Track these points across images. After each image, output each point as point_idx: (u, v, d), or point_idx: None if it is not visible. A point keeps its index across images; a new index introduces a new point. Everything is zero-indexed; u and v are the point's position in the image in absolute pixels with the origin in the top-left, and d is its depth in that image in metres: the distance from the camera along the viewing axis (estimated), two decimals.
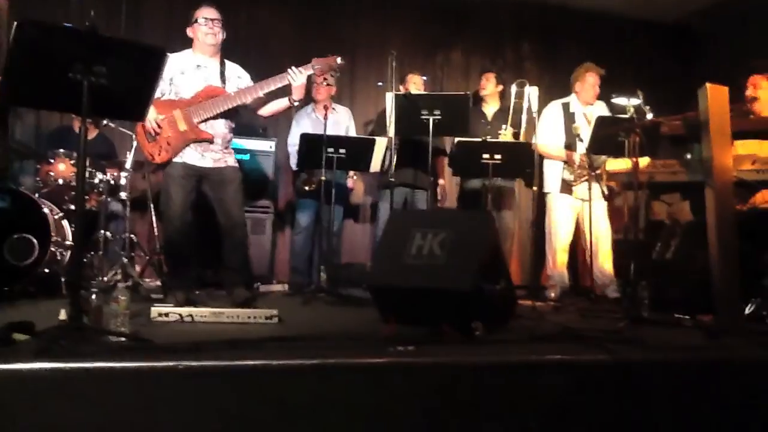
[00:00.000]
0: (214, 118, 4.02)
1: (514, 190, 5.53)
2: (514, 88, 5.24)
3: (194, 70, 4.08)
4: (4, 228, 3.86)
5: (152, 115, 3.93)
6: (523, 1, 7.04)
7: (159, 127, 3.98)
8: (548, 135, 5.18)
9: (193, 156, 4.01)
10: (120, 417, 1.90)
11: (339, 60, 4.09)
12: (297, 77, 3.99)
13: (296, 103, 4.20)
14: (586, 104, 5.27)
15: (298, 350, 2.24)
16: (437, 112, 4.48)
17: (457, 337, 2.62)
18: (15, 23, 2.31)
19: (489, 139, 4.88)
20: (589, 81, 5.24)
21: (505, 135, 5.09)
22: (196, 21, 4.10)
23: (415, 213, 4.88)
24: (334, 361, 2.11)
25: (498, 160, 4.67)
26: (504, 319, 3.11)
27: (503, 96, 5.56)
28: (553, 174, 5.22)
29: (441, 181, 5.63)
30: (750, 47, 5.86)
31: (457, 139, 5.10)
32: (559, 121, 5.22)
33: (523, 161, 4.82)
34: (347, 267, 5.46)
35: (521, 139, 5.10)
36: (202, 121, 4.00)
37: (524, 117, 5.08)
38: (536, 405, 2.21)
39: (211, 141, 4.01)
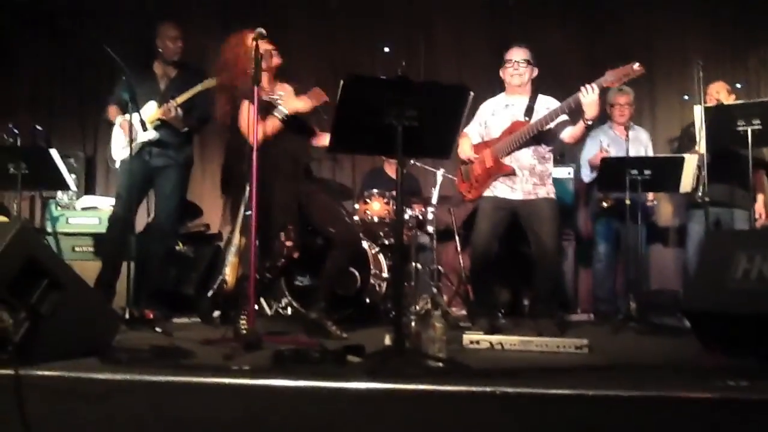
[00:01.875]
0: (518, 150, 4.10)
1: None
2: None
3: (503, 109, 4.25)
4: None
5: (468, 154, 4.20)
6: None
7: (473, 163, 4.23)
8: None
9: (504, 189, 4.15)
10: None
11: (636, 66, 3.84)
12: (589, 93, 3.89)
13: (589, 122, 4.08)
14: None
15: (614, 381, 2.17)
16: (756, 121, 4.05)
17: None
18: (343, 80, 2.62)
19: None
20: None
21: None
22: (504, 62, 4.26)
23: (739, 233, 4.41)
24: (655, 393, 2.00)
25: None
26: None
27: None
28: None
29: (760, 197, 5.04)
30: None
31: None
32: None
33: None
34: (657, 294, 5.16)
35: None
36: (506, 155, 4.12)
37: None
38: None
39: (512, 173, 4.10)
